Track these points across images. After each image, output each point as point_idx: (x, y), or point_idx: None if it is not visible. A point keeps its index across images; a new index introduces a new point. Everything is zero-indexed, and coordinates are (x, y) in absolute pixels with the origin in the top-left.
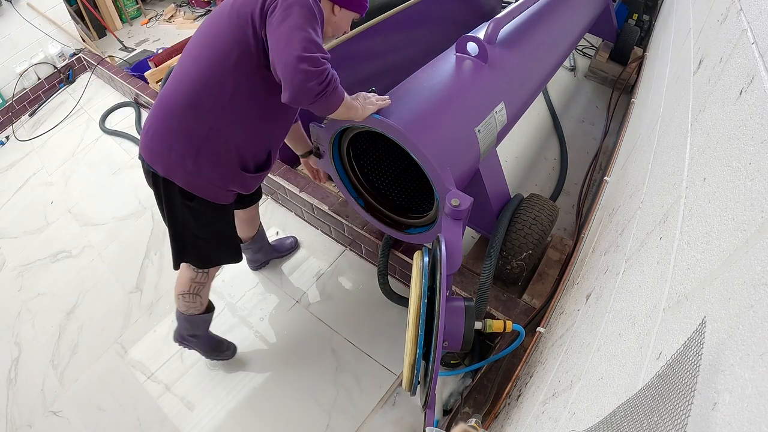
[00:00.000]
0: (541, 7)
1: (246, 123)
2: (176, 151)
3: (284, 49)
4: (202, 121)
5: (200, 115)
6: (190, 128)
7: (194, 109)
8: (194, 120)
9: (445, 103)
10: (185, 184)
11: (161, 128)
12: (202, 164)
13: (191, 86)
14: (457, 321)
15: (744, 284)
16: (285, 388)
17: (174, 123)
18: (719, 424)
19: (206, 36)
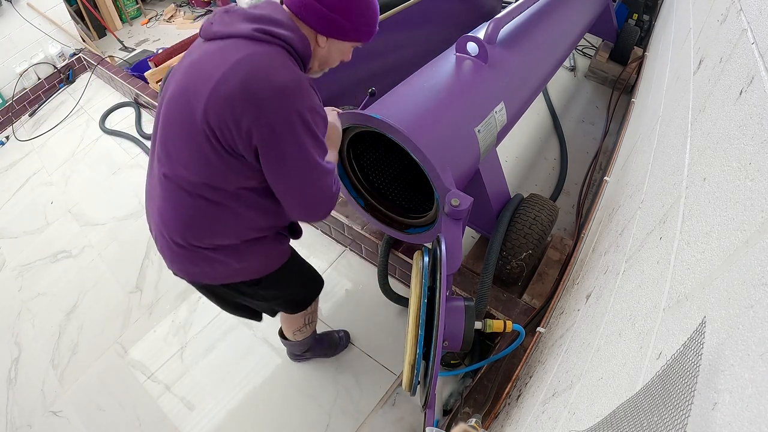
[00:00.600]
0: (541, 7)
1: (270, 212)
2: (215, 261)
3: (300, 207)
4: (225, 235)
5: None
6: (215, 244)
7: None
8: (216, 238)
9: (445, 103)
10: (244, 276)
11: (189, 254)
12: (246, 255)
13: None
14: (457, 321)
15: (744, 284)
16: (285, 388)
17: (196, 244)
18: (719, 424)
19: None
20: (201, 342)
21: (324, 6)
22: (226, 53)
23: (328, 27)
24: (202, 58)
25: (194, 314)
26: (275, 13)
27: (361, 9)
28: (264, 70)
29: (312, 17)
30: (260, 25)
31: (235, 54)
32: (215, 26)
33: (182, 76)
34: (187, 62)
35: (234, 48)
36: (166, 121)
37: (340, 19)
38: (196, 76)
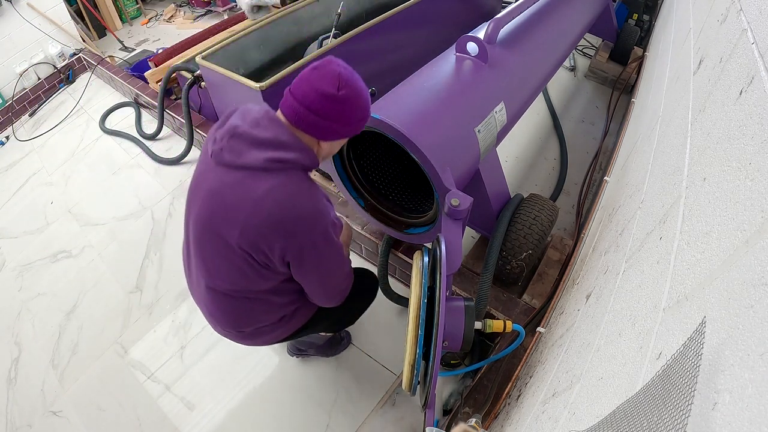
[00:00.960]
0: (541, 7)
1: (302, 292)
2: (263, 334)
3: (324, 297)
4: (267, 319)
5: (263, 319)
6: (260, 326)
7: (256, 320)
8: (260, 323)
9: (445, 103)
10: (289, 332)
11: (239, 336)
12: (289, 321)
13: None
14: (457, 321)
15: (744, 284)
16: (285, 388)
17: (243, 330)
18: (719, 424)
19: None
20: (201, 342)
21: (321, 117)
22: (247, 187)
23: (327, 134)
24: (223, 189)
25: (194, 314)
26: (280, 135)
27: (354, 111)
28: (287, 203)
29: (312, 129)
30: (270, 153)
31: (257, 188)
32: (226, 155)
33: (205, 202)
34: (206, 188)
35: (253, 181)
36: (199, 243)
37: (336, 125)
38: (222, 206)
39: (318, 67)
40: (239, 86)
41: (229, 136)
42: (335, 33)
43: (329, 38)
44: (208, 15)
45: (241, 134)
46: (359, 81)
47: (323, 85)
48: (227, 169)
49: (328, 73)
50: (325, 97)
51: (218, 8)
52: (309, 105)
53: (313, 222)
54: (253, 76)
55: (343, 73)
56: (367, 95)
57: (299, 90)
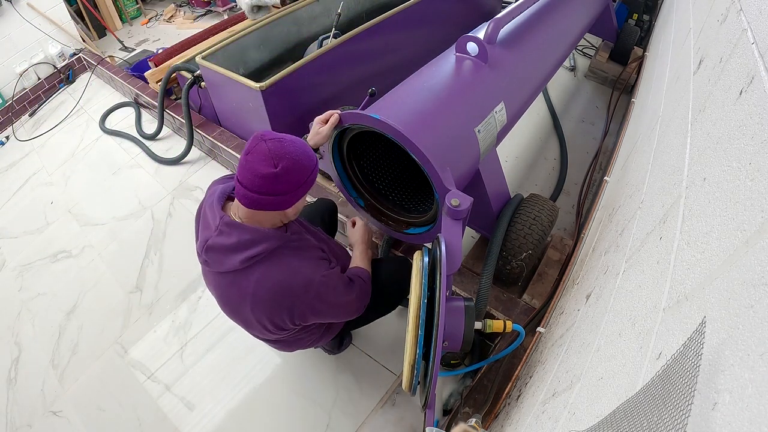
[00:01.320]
0: (541, 7)
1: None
2: (312, 343)
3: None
4: (306, 345)
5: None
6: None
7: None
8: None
9: (445, 103)
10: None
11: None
12: (324, 337)
13: None
14: (457, 321)
15: (744, 284)
16: (285, 388)
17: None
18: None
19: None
20: (201, 342)
21: (273, 195)
22: (239, 286)
23: (286, 203)
24: (223, 292)
25: (194, 314)
26: (241, 236)
27: (300, 174)
28: (276, 286)
29: (270, 206)
30: (242, 254)
31: (246, 285)
32: (212, 266)
33: (220, 300)
34: (213, 287)
35: (242, 280)
36: (230, 316)
37: (290, 195)
38: (229, 305)
39: (250, 151)
40: (239, 86)
41: (205, 251)
42: (335, 33)
43: (329, 38)
44: (208, 15)
45: (212, 247)
46: (289, 144)
47: (260, 167)
48: (219, 274)
49: (260, 155)
50: (267, 178)
51: (218, 8)
52: (257, 189)
53: (304, 291)
54: (253, 76)
55: (272, 148)
56: (304, 149)
57: (244, 177)
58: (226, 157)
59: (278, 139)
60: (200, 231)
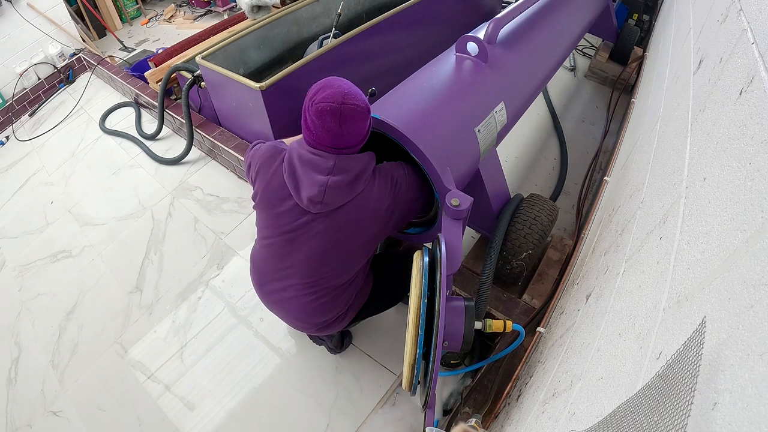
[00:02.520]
0: (541, 7)
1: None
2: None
3: None
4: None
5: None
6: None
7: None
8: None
9: (445, 103)
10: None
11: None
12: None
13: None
14: (457, 321)
15: (744, 284)
16: (285, 388)
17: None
18: (719, 424)
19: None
20: (201, 342)
21: (360, 135)
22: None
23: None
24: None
25: (194, 314)
26: (358, 162)
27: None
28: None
29: (363, 140)
30: (364, 175)
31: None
32: (333, 204)
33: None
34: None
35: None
36: (319, 265)
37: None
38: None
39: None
40: (239, 86)
41: (328, 193)
42: (335, 33)
43: (329, 38)
44: (208, 15)
45: (335, 185)
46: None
47: (326, 133)
48: (334, 213)
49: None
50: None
51: (218, 8)
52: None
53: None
54: (253, 76)
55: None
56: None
57: (313, 134)
58: (226, 157)
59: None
60: (303, 182)
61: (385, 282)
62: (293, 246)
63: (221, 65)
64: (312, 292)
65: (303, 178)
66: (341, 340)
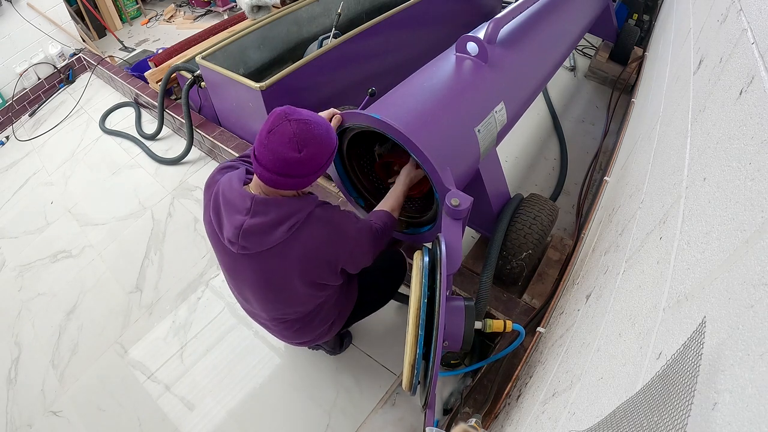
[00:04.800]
0: (541, 7)
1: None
2: (326, 333)
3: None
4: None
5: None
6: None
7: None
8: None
9: (445, 102)
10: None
11: (307, 343)
12: (341, 314)
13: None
14: (457, 321)
15: (744, 284)
16: (285, 388)
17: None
18: (719, 424)
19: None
20: (201, 342)
21: (295, 177)
22: (285, 255)
23: (306, 183)
24: (267, 270)
25: (194, 314)
26: (278, 210)
27: (322, 156)
28: (325, 236)
29: (292, 186)
30: (285, 226)
31: (292, 251)
32: (252, 248)
33: (257, 281)
34: (249, 276)
35: (290, 245)
36: (263, 302)
37: (312, 175)
38: (273, 280)
39: (273, 130)
40: (239, 86)
41: (242, 237)
42: (335, 33)
43: (329, 38)
44: (208, 15)
45: (250, 228)
46: (314, 127)
47: (284, 150)
48: (258, 255)
49: (284, 136)
50: (290, 162)
51: (218, 8)
52: (279, 171)
53: (350, 235)
54: (253, 76)
55: (297, 131)
56: (326, 132)
57: (264, 158)
58: (226, 157)
59: (304, 121)
60: (224, 220)
61: (372, 288)
62: (238, 282)
63: (221, 65)
64: (280, 322)
65: (224, 215)
66: (340, 342)
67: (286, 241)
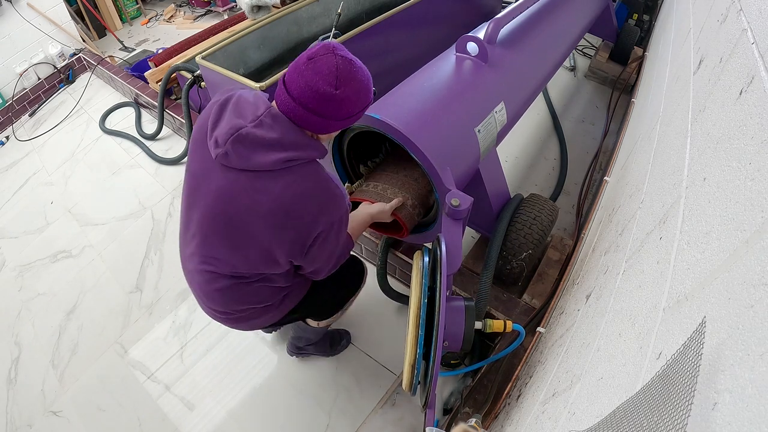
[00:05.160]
0: (541, 7)
1: (295, 277)
2: (254, 318)
3: (323, 274)
4: (259, 302)
5: (255, 302)
6: (252, 308)
7: (248, 302)
8: (252, 305)
9: (445, 103)
10: (281, 316)
11: (230, 318)
12: (280, 305)
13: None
14: (458, 321)
15: (744, 284)
16: (285, 388)
17: (235, 310)
18: (719, 424)
19: None
20: (201, 342)
21: (319, 116)
22: (262, 187)
23: (326, 129)
24: (235, 191)
25: (194, 314)
26: (286, 134)
27: (354, 105)
28: (305, 197)
29: (310, 126)
30: (280, 154)
31: (273, 187)
32: (234, 159)
33: (216, 201)
34: (214, 188)
35: (267, 181)
36: (205, 237)
37: (335, 122)
38: (237, 207)
39: (314, 58)
40: (239, 86)
41: (233, 141)
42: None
43: (329, 38)
44: (208, 15)
45: (246, 137)
46: (359, 71)
47: (319, 83)
48: (236, 172)
49: (324, 68)
50: (321, 97)
51: (218, 8)
52: (306, 104)
53: (330, 211)
54: (253, 76)
55: (341, 66)
56: (367, 81)
57: (294, 85)
58: None
59: (350, 60)
60: (223, 121)
61: (324, 288)
62: (195, 200)
63: (221, 65)
64: (208, 273)
65: (225, 117)
66: (329, 343)
67: (274, 173)
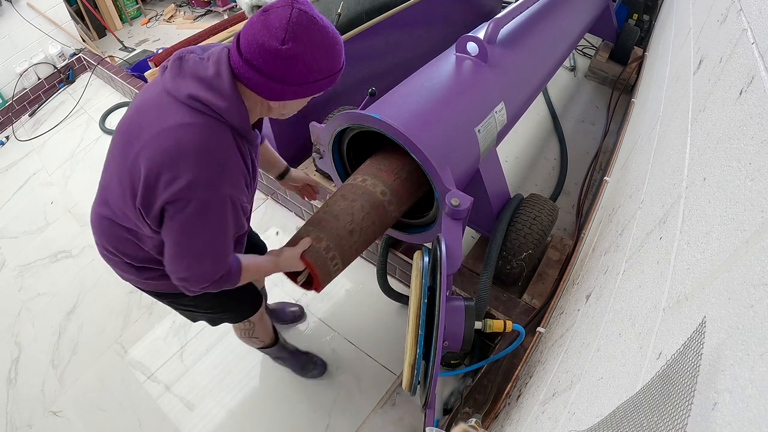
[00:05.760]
0: (541, 7)
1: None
2: (128, 272)
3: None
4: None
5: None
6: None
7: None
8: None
9: (445, 103)
10: (155, 289)
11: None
12: (147, 275)
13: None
14: (457, 321)
15: (744, 284)
16: (285, 388)
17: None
18: (719, 424)
19: None
20: (201, 342)
21: (263, 75)
22: (163, 112)
23: (273, 94)
24: (147, 105)
25: None
26: (219, 80)
27: (306, 70)
28: (192, 144)
29: (254, 86)
30: (197, 90)
31: (169, 118)
32: (168, 73)
33: (131, 113)
34: (139, 101)
35: (171, 110)
36: (113, 149)
37: (281, 86)
38: (137, 123)
39: (268, 11)
40: None
41: (176, 57)
42: None
43: None
44: (208, 15)
45: (188, 61)
46: (320, 30)
47: (265, 35)
48: (163, 92)
49: (276, 21)
50: (266, 52)
51: (218, 8)
52: (250, 60)
53: (211, 177)
54: None
55: (296, 20)
56: (330, 43)
57: (243, 38)
58: None
59: (309, 15)
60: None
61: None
62: (118, 135)
63: None
64: (101, 189)
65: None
66: (300, 364)
67: (183, 108)
